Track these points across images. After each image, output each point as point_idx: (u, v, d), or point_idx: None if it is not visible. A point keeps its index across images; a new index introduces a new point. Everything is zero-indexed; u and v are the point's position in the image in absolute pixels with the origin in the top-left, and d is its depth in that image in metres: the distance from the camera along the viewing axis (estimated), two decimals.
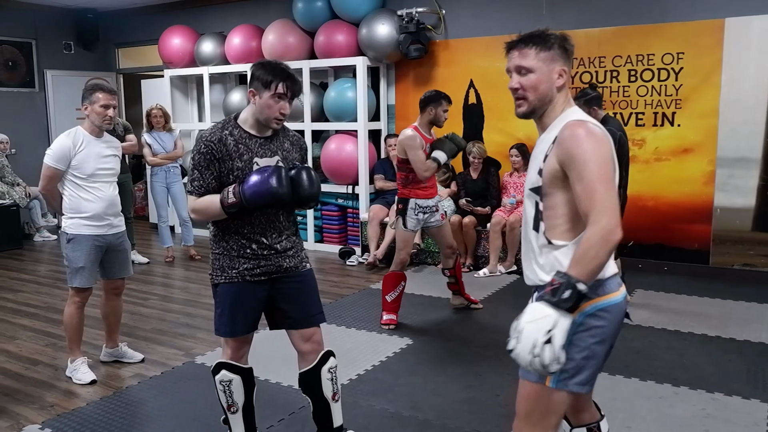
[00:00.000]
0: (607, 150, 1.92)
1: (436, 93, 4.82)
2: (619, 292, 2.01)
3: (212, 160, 2.72)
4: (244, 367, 2.97)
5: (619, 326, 2.01)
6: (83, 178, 3.84)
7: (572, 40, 2.11)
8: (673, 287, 5.76)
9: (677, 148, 6.15)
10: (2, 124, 8.76)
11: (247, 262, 2.82)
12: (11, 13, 9.06)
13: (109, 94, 3.86)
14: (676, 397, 3.62)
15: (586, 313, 1.93)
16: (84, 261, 3.86)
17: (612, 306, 1.97)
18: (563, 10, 6.54)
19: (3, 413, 3.57)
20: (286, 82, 2.72)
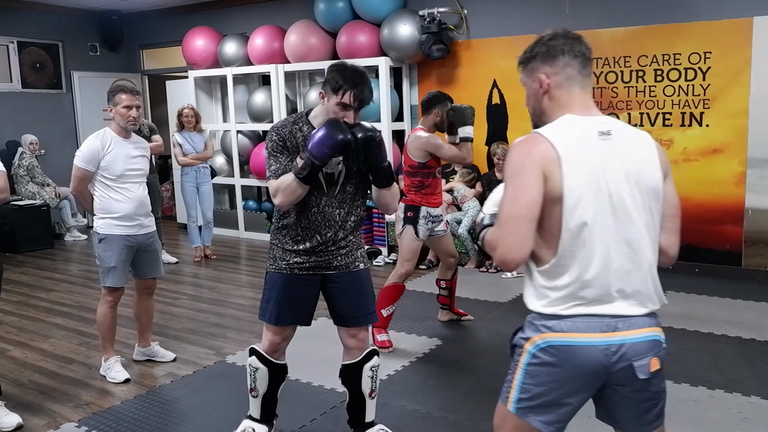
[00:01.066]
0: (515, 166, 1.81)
1: (440, 93, 4.63)
2: (586, 335, 1.79)
3: (284, 147, 2.80)
4: (275, 362, 3.08)
5: (586, 376, 1.81)
6: (112, 179, 3.89)
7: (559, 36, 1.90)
8: (705, 289, 5.71)
9: (706, 148, 6.10)
10: (31, 126, 8.88)
11: (298, 256, 2.90)
12: (39, 15, 9.19)
13: (131, 95, 3.90)
14: (712, 400, 3.60)
15: (537, 345, 1.83)
16: (115, 261, 3.91)
17: (568, 347, 1.79)
18: (586, 9, 6.51)
19: (40, 411, 3.64)
20: (353, 91, 2.70)
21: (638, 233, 1.82)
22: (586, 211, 1.77)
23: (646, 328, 1.84)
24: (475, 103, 7.04)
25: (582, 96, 1.89)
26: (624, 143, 1.83)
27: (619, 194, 1.79)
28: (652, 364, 1.82)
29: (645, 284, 1.84)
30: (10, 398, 3.69)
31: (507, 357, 4.29)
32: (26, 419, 3.49)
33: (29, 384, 4.01)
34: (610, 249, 1.80)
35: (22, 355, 4.50)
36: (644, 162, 1.84)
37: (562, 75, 1.87)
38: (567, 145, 1.78)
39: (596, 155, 1.79)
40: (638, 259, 1.83)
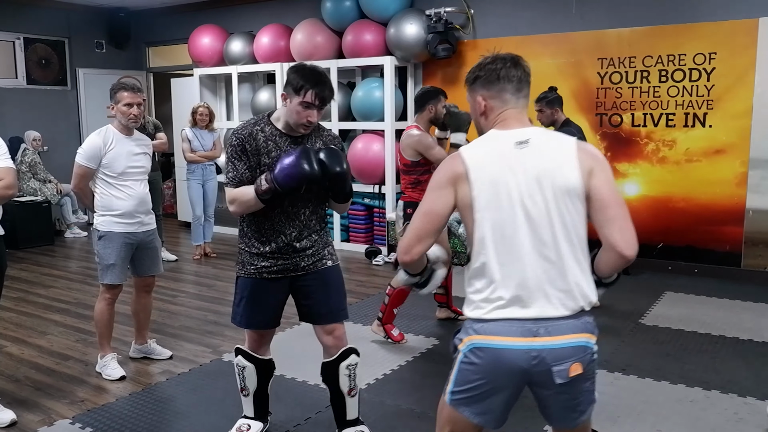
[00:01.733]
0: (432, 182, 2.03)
1: (432, 89, 4.58)
2: (507, 339, 1.89)
3: (243, 152, 2.80)
4: (261, 358, 3.13)
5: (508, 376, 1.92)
6: (114, 176, 3.88)
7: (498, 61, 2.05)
8: (704, 290, 5.68)
9: (709, 149, 6.06)
10: (35, 122, 8.91)
11: (265, 260, 2.91)
12: (45, 12, 9.21)
13: (132, 93, 3.88)
14: (708, 401, 3.57)
15: (467, 346, 1.95)
16: (115, 258, 3.90)
17: (491, 349, 1.90)
18: (593, 10, 6.48)
19: (35, 407, 3.63)
20: (315, 90, 2.72)
21: (553, 235, 1.89)
22: (494, 217, 1.90)
23: (570, 335, 1.89)
24: None
25: (515, 115, 2.02)
26: (539, 150, 1.94)
27: (531, 198, 1.89)
28: (573, 369, 1.88)
29: (565, 285, 1.90)
30: (5, 394, 3.69)
31: None
32: (20, 415, 3.49)
33: (25, 380, 4.01)
34: (523, 253, 1.89)
35: (18, 351, 4.50)
36: (559, 165, 1.91)
37: (498, 99, 2.03)
38: (477, 158, 1.95)
39: (506, 164, 1.92)
40: (555, 260, 1.89)
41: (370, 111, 7.38)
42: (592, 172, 1.93)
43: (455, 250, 6.67)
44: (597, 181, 1.93)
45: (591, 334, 1.96)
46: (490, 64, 2.04)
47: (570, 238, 1.91)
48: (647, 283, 5.92)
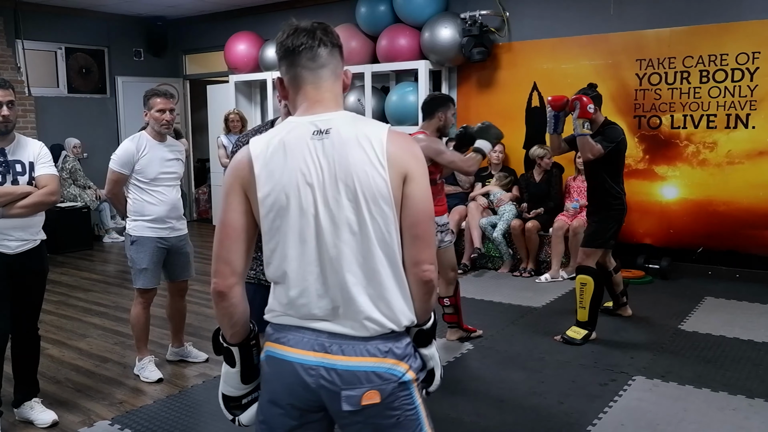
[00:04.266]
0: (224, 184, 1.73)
1: (442, 95, 4.45)
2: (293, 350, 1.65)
3: None
4: None
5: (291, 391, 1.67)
6: (146, 182, 3.93)
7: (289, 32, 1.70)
8: (746, 295, 5.54)
9: (752, 151, 5.92)
10: (75, 129, 9.08)
11: None
12: (86, 22, 9.40)
13: (165, 99, 3.94)
14: (751, 409, 3.47)
15: (264, 352, 1.75)
16: (147, 263, 3.95)
17: (276, 358, 1.69)
18: (632, 10, 6.38)
19: (75, 408, 3.69)
20: None
21: (349, 246, 1.61)
22: (282, 222, 1.63)
23: (363, 358, 1.62)
24: (514, 106, 7.03)
25: (314, 91, 1.69)
26: (342, 143, 1.61)
27: (326, 202, 1.60)
28: (366, 397, 1.61)
29: (365, 302, 1.62)
30: (47, 395, 3.75)
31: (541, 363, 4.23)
32: (62, 416, 3.54)
33: (66, 382, 4.08)
34: (314, 265, 1.63)
35: (59, 353, 4.58)
36: (361, 162, 1.59)
37: (291, 75, 1.70)
38: (263, 150, 1.63)
39: (299, 157, 1.61)
40: (350, 275, 1.61)
41: (404, 115, 7.36)
42: (408, 177, 1.63)
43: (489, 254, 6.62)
44: (409, 191, 1.63)
45: (398, 360, 1.64)
46: (282, 38, 1.69)
47: (378, 251, 1.61)
48: (687, 289, 5.80)
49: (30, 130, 8.42)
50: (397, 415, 1.66)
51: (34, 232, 3.37)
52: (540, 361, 4.25)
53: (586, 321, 4.52)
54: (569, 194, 6.60)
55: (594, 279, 4.47)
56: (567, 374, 3.98)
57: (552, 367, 4.12)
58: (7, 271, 3.25)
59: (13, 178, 3.25)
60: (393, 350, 1.65)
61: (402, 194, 1.62)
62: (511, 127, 6.76)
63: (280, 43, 1.69)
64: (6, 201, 3.18)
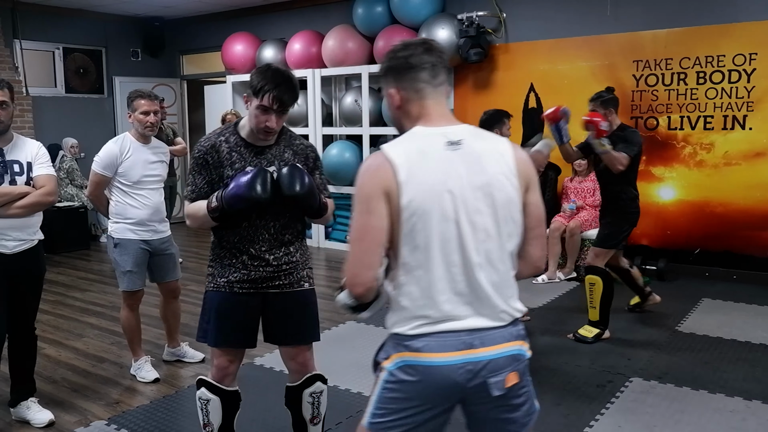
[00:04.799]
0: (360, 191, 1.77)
1: (496, 112, 4.54)
2: (440, 355, 1.73)
3: (204, 165, 2.62)
4: (226, 390, 2.81)
5: (439, 395, 1.76)
6: (129, 184, 3.90)
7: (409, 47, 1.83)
8: (743, 296, 5.55)
9: (749, 152, 5.93)
10: (73, 129, 9.07)
11: (237, 273, 2.68)
12: (83, 22, 9.39)
13: (149, 100, 3.90)
14: (748, 410, 3.47)
15: (395, 364, 1.78)
16: (131, 265, 3.92)
17: (423, 366, 1.74)
18: (628, 11, 6.39)
19: (72, 408, 3.68)
20: (273, 92, 2.48)
21: (485, 246, 1.76)
22: (425, 226, 1.72)
23: (505, 344, 1.78)
24: (511, 107, 6.97)
25: (435, 106, 1.83)
26: (474, 153, 1.76)
27: (466, 206, 1.73)
28: (509, 380, 1.77)
29: (498, 297, 1.78)
30: (43, 395, 3.74)
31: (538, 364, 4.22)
32: (58, 416, 3.54)
33: (62, 382, 4.07)
34: (456, 265, 1.74)
35: (56, 353, 4.57)
36: (496, 172, 1.76)
37: (411, 89, 1.82)
38: (405, 159, 1.73)
39: (439, 167, 1.73)
40: (489, 272, 1.76)
41: None
42: (529, 185, 1.84)
43: None
44: (531, 198, 1.85)
45: (523, 341, 1.84)
46: (399, 51, 1.83)
47: (505, 249, 1.79)
48: (684, 290, 5.80)
49: (27, 130, 8.42)
50: (526, 391, 1.84)
51: (32, 232, 3.36)
52: (537, 362, 4.23)
53: (597, 320, 4.57)
54: (566, 195, 6.60)
55: (603, 279, 4.51)
56: (564, 375, 3.98)
57: (549, 368, 4.12)
58: (4, 271, 3.24)
59: (11, 178, 3.24)
60: (519, 333, 1.83)
61: (524, 201, 1.82)
62: None
63: (404, 58, 1.82)
64: (4, 201, 3.17)
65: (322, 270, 7.27)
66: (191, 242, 8.58)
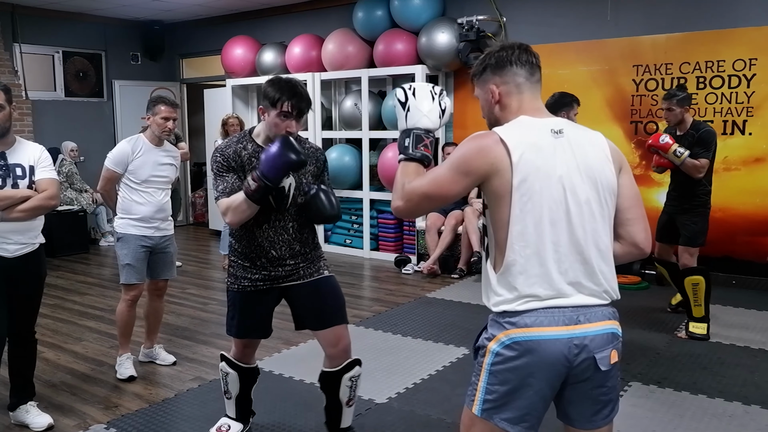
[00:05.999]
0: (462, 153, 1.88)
1: (563, 95, 4.43)
2: (549, 329, 1.81)
3: (229, 167, 2.84)
4: (245, 366, 3.21)
5: (549, 369, 1.82)
6: (137, 182, 4.05)
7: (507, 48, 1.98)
8: (743, 302, 5.55)
9: (748, 157, 5.94)
10: (72, 133, 9.08)
11: (258, 273, 2.96)
12: (83, 26, 9.41)
13: (170, 107, 4.07)
14: (747, 416, 3.47)
15: (502, 343, 1.84)
16: (130, 258, 4.04)
17: (532, 341, 1.81)
18: (629, 16, 6.40)
19: (71, 412, 3.68)
20: (291, 101, 2.73)
21: (591, 226, 1.87)
22: (536, 206, 1.82)
23: (606, 321, 1.88)
24: None
25: (532, 101, 1.97)
26: (575, 141, 1.90)
27: (573, 189, 1.85)
28: (613, 356, 1.87)
29: (602, 277, 1.88)
30: (42, 399, 3.74)
31: None
32: (57, 420, 3.53)
33: (61, 385, 4.06)
34: (563, 244, 1.84)
35: (55, 356, 4.57)
36: (596, 158, 1.91)
37: (512, 84, 1.96)
38: (518, 142, 1.84)
39: (548, 153, 1.85)
40: (594, 252, 1.87)
41: None
42: (622, 168, 1.97)
43: None
44: (625, 180, 1.97)
45: (618, 321, 1.94)
46: (498, 51, 1.98)
47: (607, 231, 1.91)
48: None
49: (27, 134, 8.42)
50: (618, 374, 1.95)
51: (33, 236, 3.36)
52: None
53: (703, 315, 4.69)
54: None
55: (704, 276, 4.64)
56: None
57: None
58: (4, 274, 3.24)
59: (13, 181, 3.24)
60: (615, 313, 1.93)
61: (618, 183, 1.94)
62: None
63: (504, 56, 1.96)
64: (6, 205, 3.17)
65: None
66: (191, 246, 8.58)
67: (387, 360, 4.28)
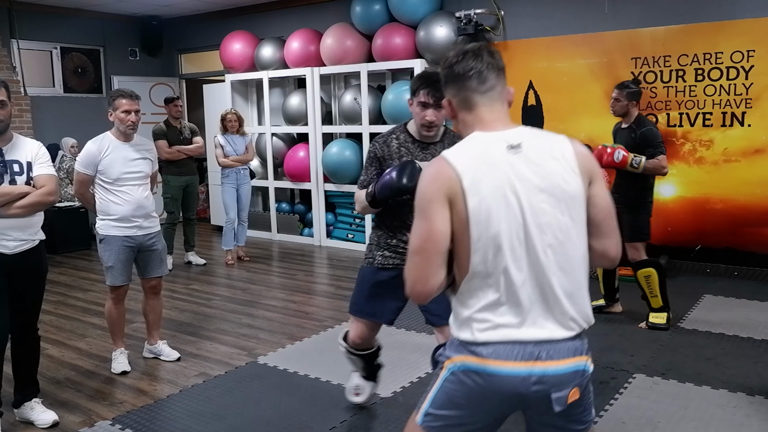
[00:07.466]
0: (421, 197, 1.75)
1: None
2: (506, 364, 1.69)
3: (375, 158, 3.03)
4: (359, 352, 3.32)
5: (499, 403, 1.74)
6: (110, 182, 3.99)
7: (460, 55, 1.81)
8: (745, 293, 5.56)
9: (748, 148, 5.95)
10: (72, 129, 9.04)
11: (389, 251, 3.07)
12: (81, 21, 9.38)
13: (130, 100, 3.98)
14: (752, 406, 3.48)
15: (457, 366, 1.75)
16: (113, 261, 4.02)
17: (486, 374, 1.70)
18: (626, 9, 6.40)
19: (76, 409, 3.69)
20: (427, 89, 2.83)
21: (556, 249, 1.72)
22: (494, 229, 1.69)
23: (571, 358, 1.73)
24: None
25: (488, 112, 1.81)
26: (535, 155, 1.74)
27: (533, 210, 1.70)
28: (571, 395, 1.73)
29: (568, 303, 1.73)
30: (47, 396, 3.75)
31: None
32: (62, 416, 3.54)
33: (66, 382, 4.08)
34: (524, 268, 1.71)
35: (59, 353, 4.58)
36: (560, 173, 1.73)
37: (462, 96, 1.82)
38: (467, 164, 1.72)
39: (502, 170, 1.71)
40: (558, 276, 1.72)
41: (401, 114, 7.35)
42: (593, 179, 1.79)
43: None
44: (596, 191, 1.79)
45: (588, 356, 1.78)
46: (450, 60, 1.82)
47: (576, 252, 1.75)
48: (685, 286, 5.81)
49: (26, 130, 8.39)
50: (585, 403, 1.81)
51: (33, 232, 3.36)
52: None
53: (661, 305, 4.72)
54: None
55: (655, 268, 4.65)
56: None
57: None
58: (5, 271, 3.24)
59: (11, 177, 3.24)
60: (585, 347, 1.78)
61: (589, 194, 1.78)
62: None
63: (449, 68, 1.82)
64: (4, 201, 3.17)
65: (325, 269, 7.27)
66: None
67: (392, 354, 4.29)
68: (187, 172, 7.09)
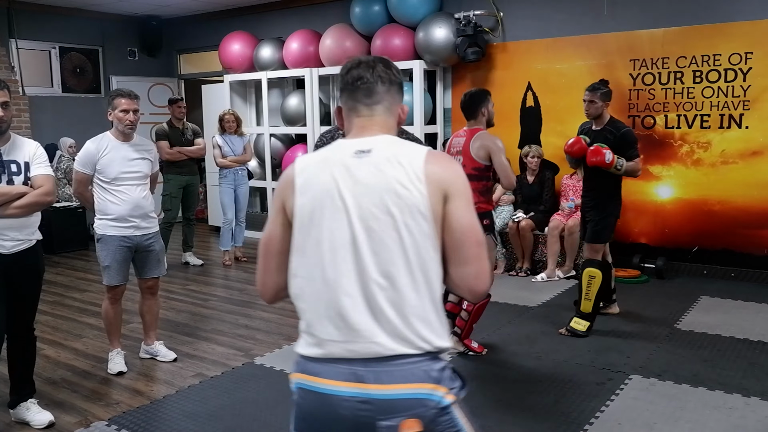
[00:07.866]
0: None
1: (477, 92, 4.26)
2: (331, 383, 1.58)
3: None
4: None
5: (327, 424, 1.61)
6: (107, 181, 3.98)
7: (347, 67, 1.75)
8: (742, 294, 5.56)
9: (745, 150, 5.95)
10: (70, 129, 9.04)
11: None
12: (80, 21, 9.37)
13: (129, 99, 3.97)
14: (748, 408, 3.48)
15: (293, 383, 1.68)
16: (110, 260, 4.02)
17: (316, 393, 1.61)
18: (625, 11, 6.40)
19: (72, 409, 3.68)
20: None
21: (384, 256, 1.57)
22: (315, 231, 1.61)
23: (406, 384, 1.55)
24: (508, 106, 7.04)
25: (364, 122, 1.72)
26: (380, 160, 1.62)
27: (362, 215, 1.59)
28: (405, 426, 1.53)
29: (399, 318, 1.56)
30: (43, 396, 3.74)
31: (538, 362, 4.25)
32: (58, 417, 3.53)
33: (62, 382, 4.07)
34: (348, 275, 1.58)
35: (55, 353, 4.57)
36: (400, 179, 1.58)
37: (347, 107, 1.76)
38: (305, 166, 1.68)
39: (335, 172, 1.62)
40: (386, 287, 1.57)
41: None
42: (449, 196, 1.60)
43: None
44: (451, 210, 1.60)
45: (435, 384, 1.58)
46: (343, 72, 1.76)
47: (411, 264, 1.57)
48: (682, 288, 5.82)
49: (24, 130, 8.39)
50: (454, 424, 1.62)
51: (30, 232, 3.36)
52: (537, 360, 4.26)
53: (589, 312, 4.63)
54: (565, 193, 6.61)
55: (603, 272, 4.59)
56: (564, 373, 3.99)
57: (549, 366, 4.13)
58: (2, 270, 3.24)
59: (9, 178, 3.24)
60: (429, 374, 1.58)
61: (443, 212, 1.60)
62: (506, 127, 6.78)
63: (342, 77, 1.75)
64: (1, 201, 3.17)
65: None
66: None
67: None
68: (188, 172, 7.10)
